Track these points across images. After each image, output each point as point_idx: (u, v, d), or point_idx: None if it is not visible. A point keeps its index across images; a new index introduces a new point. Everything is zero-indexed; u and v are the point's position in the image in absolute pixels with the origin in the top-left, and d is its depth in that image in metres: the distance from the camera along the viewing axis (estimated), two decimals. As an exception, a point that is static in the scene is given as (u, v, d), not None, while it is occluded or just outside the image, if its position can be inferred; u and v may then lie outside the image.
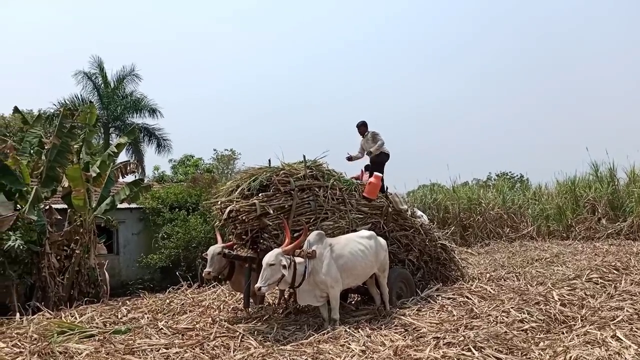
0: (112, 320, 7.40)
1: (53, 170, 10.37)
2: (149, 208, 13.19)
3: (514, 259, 12.57)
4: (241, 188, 7.33)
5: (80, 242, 10.00)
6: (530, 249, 14.32)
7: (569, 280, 8.55)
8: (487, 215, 18.10)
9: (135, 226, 13.23)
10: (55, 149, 10.35)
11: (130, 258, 12.72)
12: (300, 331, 6.24)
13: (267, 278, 5.82)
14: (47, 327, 6.60)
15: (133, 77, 25.82)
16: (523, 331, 5.80)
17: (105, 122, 24.93)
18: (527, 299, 7.09)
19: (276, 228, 6.97)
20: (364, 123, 9.51)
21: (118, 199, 11.12)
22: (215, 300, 8.85)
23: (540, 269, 10.43)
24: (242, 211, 7.01)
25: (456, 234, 17.13)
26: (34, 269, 9.41)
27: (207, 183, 15.82)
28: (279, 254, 5.94)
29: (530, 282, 8.82)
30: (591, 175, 18.37)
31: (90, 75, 24.99)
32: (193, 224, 12.39)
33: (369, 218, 8.08)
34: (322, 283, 6.29)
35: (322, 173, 7.72)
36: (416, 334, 5.79)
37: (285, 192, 7.17)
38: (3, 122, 24.34)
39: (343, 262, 6.52)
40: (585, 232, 16.18)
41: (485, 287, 8.29)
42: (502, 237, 17.35)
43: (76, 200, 9.88)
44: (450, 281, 8.99)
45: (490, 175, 31.68)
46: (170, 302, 8.78)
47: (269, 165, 7.65)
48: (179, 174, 28.38)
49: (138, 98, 25.79)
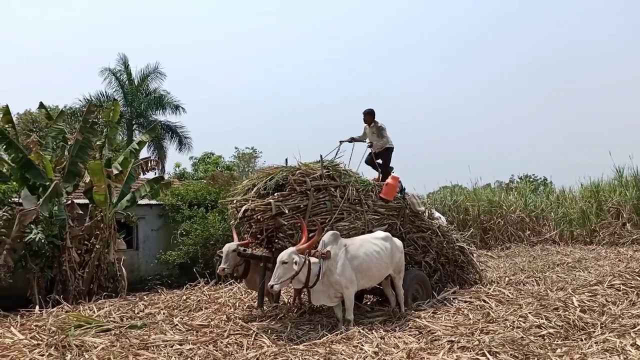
0: (128, 315, 7.49)
1: (75, 166, 10.54)
2: (168, 205, 13.31)
3: (535, 263, 12.37)
4: (257, 187, 7.34)
5: (101, 237, 10.14)
6: (552, 254, 14.10)
7: (590, 286, 8.37)
8: (508, 218, 17.87)
9: (155, 222, 13.36)
10: (78, 144, 10.53)
11: (149, 254, 12.85)
12: (314, 331, 6.23)
13: (280, 276, 5.83)
14: (65, 321, 6.72)
15: (157, 75, 26.21)
16: (540, 337, 5.69)
17: (129, 118, 25.31)
18: (546, 304, 6.96)
19: (291, 228, 6.96)
20: (371, 111, 9.31)
21: (138, 195, 11.25)
22: (231, 297, 8.89)
23: (562, 274, 10.24)
24: (258, 210, 7.03)
25: (476, 236, 16.93)
26: (55, 263, 9.56)
27: (226, 181, 15.91)
28: (293, 252, 5.95)
29: (550, 287, 8.66)
30: (615, 180, 18.00)
31: (115, 72, 25.41)
32: (211, 222, 12.45)
33: (386, 219, 8.02)
34: (337, 283, 6.27)
35: (339, 173, 7.68)
36: (430, 337, 5.73)
37: (301, 192, 7.15)
38: (30, 117, 24.89)
39: (358, 263, 6.49)
40: (609, 237, 15.84)
41: (503, 291, 8.17)
42: (523, 240, 17.10)
43: (97, 196, 10.03)
44: (467, 284, 8.88)
45: (513, 178, 31.23)
46: (187, 299, 8.86)
47: (286, 165, 7.65)
48: (199, 172, 28.61)
49: (161, 95, 26.13)
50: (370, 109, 9.33)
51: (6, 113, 11.02)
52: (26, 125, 23.67)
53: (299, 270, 5.92)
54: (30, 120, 24.68)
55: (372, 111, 9.31)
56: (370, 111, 9.32)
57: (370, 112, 9.32)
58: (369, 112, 9.32)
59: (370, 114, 9.31)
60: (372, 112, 9.31)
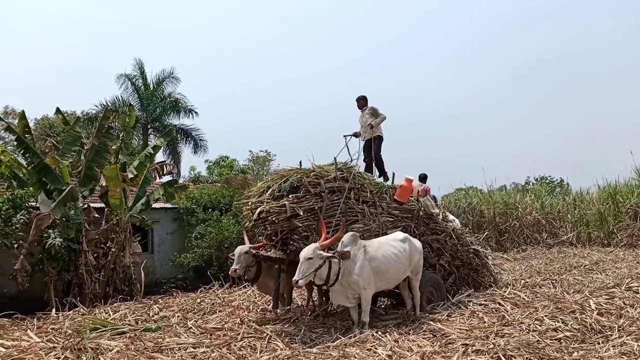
0: (143, 318, 7.54)
1: (91, 170, 10.66)
2: (183, 208, 13.38)
3: (551, 265, 12.23)
4: (272, 189, 7.37)
5: (116, 241, 10.23)
6: (569, 256, 13.93)
7: (608, 289, 8.25)
8: (524, 220, 17.70)
9: (170, 226, 13.43)
10: (94, 149, 10.65)
11: (164, 257, 12.91)
12: (328, 334, 6.23)
13: (305, 272, 5.85)
14: (81, 323, 6.78)
15: (172, 79, 26.44)
16: (556, 340, 5.61)
17: (144, 123, 25.55)
18: (563, 307, 6.86)
19: (306, 229, 6.99)
20: (363, 97, 9.60)
21: (153, 198, 11.33)
22: (245, 300, 8.93)
23: (579, 276, 10.12)
24: (273, 212, 7.05)
25: (491, 238, 16.81)
26: (71, 266, 9.67)
27: (240, 184, 15.96)
28: (317, 247, 6.00)
29: (567, 289, 8.55)
30: (635, 180, 17.74)
31: (131, 77, 25.68)
32: (226, 225, 12.49)
33: (400, 221, 7.98)
34: (355, 284, 6.28)
35: (353, 175, 7.67)
36: (445, 340, 5.68)
37: (316, 194, 7.17)
38: (47, 123, 25.27)
39: (376, 264, 6.48)
40: (628, 239, 15.64)
41: (519, 293, 8.08)
42: (539, 242, 16.94)
43: (113, 200, 10.13)
44: (482, 287, 8.81)
45: (529, 180, 30.93)
46: (201, 302, 8.91)
47: (300, 167, 7.67)
48: (214, 175, 28.77)
49: (176, 99, 26.34)
50: (363, 95, 9.66)
51: (22, 118, 11.19)
52: (43, 131, 24.05)
53: (321, 266, 5.95)
54: (47, 126, 25.07)
55: (364, 96, 9.65)
56: (362, 97, 9.65)
57: (362, 97, 9.65)
58: (362, 98, 9.65)
59: (364, 98, 9.64)
60: (365, 97, 9.65)
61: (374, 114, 9.37)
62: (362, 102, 9.60)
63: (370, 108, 9.44)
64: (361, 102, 9.61)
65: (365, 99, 9.60)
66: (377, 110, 9.40)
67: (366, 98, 9.61)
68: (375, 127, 9.24)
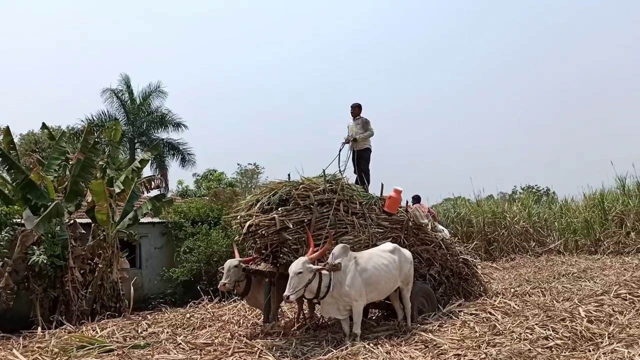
0: (132, 335, 7.44)
1: (77, 185, 10.56)
2: (171, 222, 13.28)
3: (540, 273, 12.29)
4: (261, 202, 7.33)
5: (103, 257, 10.12)
6: (557, 264, 14.00)
7: (597, 296, 8.29)
8: (512, 229, 17.78)
9: (158, 240, 13.32)
10: (80, 164, 10.55)
11: (152, 272, 12.79)
12: (319, 347, 6.18)
13: (295, 286, 5.81)
14: (68, 341, 6.67)
15: (158, 93, 26.29)
16: (547, 349, 5.62)
17: (131, 137, 25.37)
18: (553, 316, 6.89)
19: (296, 242, 6.95)
20: (359, 105, 9.40)
21: (140, 213, 11.24)
22: (235, 314, 8.84)
23: (567, 284, 10.16)
24: (262, 225, 7.01)
25: (480, 248, 16.88)
26: (57, 283, 9.52)
27: (229, 197, 15.90)
28: (305, 261, 5.95)
29: (556, 297, 8.59)
30: (618, 189, 17.97)
31: (117, 92, 25.50)
32: (214, 238, 12.42)
33: (390, 232, 7.99)
34: (346, 295, 6.25)
35: (342, 187, 7.67)
36: (437, 351, 5.68)
37: (305, 206, 7.15)
38: (32, 138, 25.02)
39: (367, 276, 6.47)
40: (614, 247, 15.76)
41: (509, 302, 8.10)
42: (527, 251, 17.00)
43: (99, 215, 10.03)
44: (473, 297, 8.83)
45: (516, 189, 31.17)
46: (191, 317, 8.81)
47: (289, 180, 7.66)
48: (202, 189, 28.63)
49: (163, 113, 26.21)
50: (358, 103, 9.45)
51: (7, 134, 11.08)
52: (29, 146, 23.79)
53: (312, 279, 5.92)
54: (32, 141, 24.81)
55: (359, 105, 9.42)
56: (358, 105, 9.42)
57: (358, 105, 9.42)
58: (357, 106, 9.41)
59: (359, 107, 9.40)
60: (360, 105, 9.42)
61: (364, 127, 9.17)
62: (357, 110, 9.35)
63: (363, 119, 9.23)
64: (355, 110, 9.36)
65: (360, 107, 9.36)
66: (369, 125, 9.19)
67: (361, 106, 9.37)
68: (360, 141, 9.14)
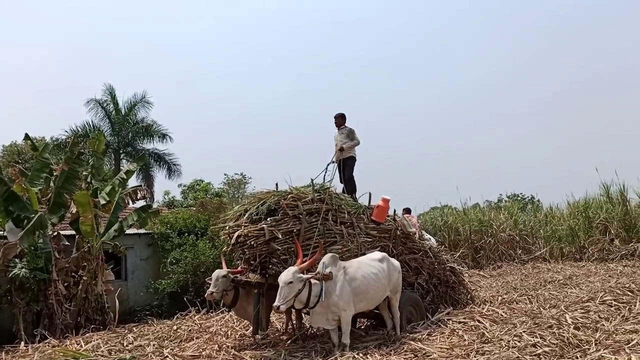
0: (117, 348, 7.34)
1: (60, 197, 10.41)
2: (157, 233, 13.16)
3: (527, 281, 12.37)
4: (249, 213, 7.30)
5: (88, 269, 9.96)
6: (543, 271, 14.12)
7: (583, 303, 8.37)
8: (498, 237, 17.91)
9: (144, 251, 13.18)
10: (64, 175, 10.42)
11: (138, 284, 12.64)
12: (308, 357, 6.15)
13: (285, 296, 5.77)
14: (52, 356, 6.57)
15: (144, 104, 26.10)
16: (536, 356, 5.64)
17: (116, 148, 25.15)
18: (540, 323, 6.93)
19: (285, 253, 6.92)
20: (342, 115, 9.42)
21: (126, 224, 11.11)
22: (223, 326, 8.76)
23: (553, 291, 10.24)
24: (251, 236, 6.98)
25: (467, 256, 17.00)
26: (40, 296, 9.35)
27: (216, 208, 15.81)
28: (296, 271, 5.91)
29: (543, 304, 8.66)
30: (602, 196, 18.20)
31: (102, 102, 25.25)
32: (202, 249, 12.33)
33: (378, 241, 8.00)
34: (335, 305, 6.22)
35: (330, 196, 7.67)
36: (426, 360, 5.66)
37: (294, 216, 7.13)
38: (15, 149, 24.72)
39: (356, 285, 6.46)
40: (599, 254, 15.93)
41: (497, 310, 8.14)
42: (514, 259, 17.14)
43: (84, 227, 9.89)
44: (461, 305, 8.85)
45: (501, 197, 31.50)
46: (177, 329, 8.71)
47: (277, 190, 7.64)
48: (188, 199, 28.45)
49: (149, 124, 26.03)
50: (342, 113, 9.47)
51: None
52: (12, 157, 23.49)
53: (302, 289, 5.88)
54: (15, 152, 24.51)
55: (343, 115, 9.45)
56: (341, 114, 9.45)
57: (341, 115, 9.44)
58: (341, 116, 9.44)
59: (342, 116, 9.43)
60: (343, 115, 9.45)
61: (349, 137, 9.16)
62: (340, 120, 9.37)
63: (348, 129, 9.23)
64: (339, 120, 9.38)
65: (343, 117, 9.38)
66: (354, 134, 9.19)
67: (344, 116, 9.38)
68: (346, 150, 9.14)
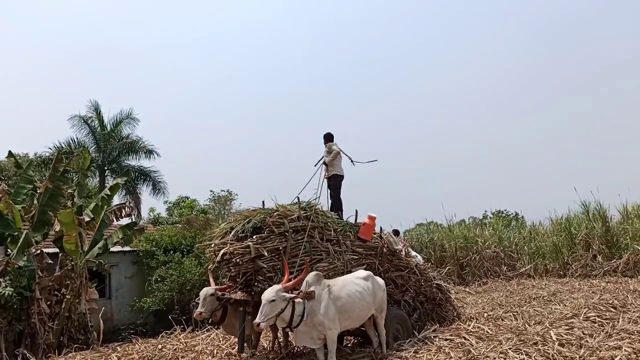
0: (101, 368, 7.23)
1: (44, 215, 10.34)
2: (142, 251, 13.08)
3: (512, 297, 12.45)
4: (235, 230, 7.29)
5: (71, 287, 9.86)
6: (528, 287, 14.22)
7: (567, 319, 8.44)
8: (483, 253, 18.04)
9: (129, 269, 13.08)
10: (48, 192, 10.35)
11: (123, 302, 12.52)
12: (295, 376, 6.11)
13: (267, 314, 5.71)
14: (35, 376, 6.44)
15: (130, 120, 25.99)
16: (521, 373, 5.69)
17: (101, 164, 24.96)
18: (525, 339, 6.98)
19: (270, 270, 6.90)
20: (327, 135, 9.74)
21: (111, 242, 11.03)
22: (209, 344, 8.66)
23: (538, 307, 10.32)
24: (236, 253, 6.95)
25: (453, 272, 17.09)
26: (23, 315, 9.22)
27: (202, 225, 15.76)
28: (279, 290, 5.87)
29: (528, 321, 8.71)
30: (582, 214, 18.47)
31: (86, 119, 25.07)
32: (187, 267, 12.27)
33: (364, 259, 8.02)
34: (320, 324, 6.18)
35: (316, 214, 7.70)
36: (413, 378, 5.67)
37: (280, 234, 7.14)
38: (-2, 166, 24.39)
39: (341, 304, 6.43)
40: (582, 270, 16.11)
41: (482, 327, 8.16)
42: (499, 275, 17.25)
43: (68, 245, 9.80)
44: (447, 322, 8.88)
45: (486, 214, 31.70)
46: (162, 348, 8.59)
47: (263, 207, 7.65)
48: (174, 216, 28.26)
49: (134, 140, 25.90)
50: (329, 133, 9.77)
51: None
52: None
53: (285, 308, 5.84)
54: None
55: (329, 134, 9.74)
56: (327, 134, 9.75)
57: (327, 134, 9.75)
58: (326, 135, 9.75)
59: (326, 136, 9.74)
60: (329, 135, 9.74)
61: (329, 151, 9.37)
62: (325, 139, 9.67)
63: (329, 146, 9.44)
64: (324, 140, 9.68)
65: (327, 137, 9.65)
66: (332, 146, 9.40)
67: (329, 136, 9.65)
68: (329, 164, 9.25)
